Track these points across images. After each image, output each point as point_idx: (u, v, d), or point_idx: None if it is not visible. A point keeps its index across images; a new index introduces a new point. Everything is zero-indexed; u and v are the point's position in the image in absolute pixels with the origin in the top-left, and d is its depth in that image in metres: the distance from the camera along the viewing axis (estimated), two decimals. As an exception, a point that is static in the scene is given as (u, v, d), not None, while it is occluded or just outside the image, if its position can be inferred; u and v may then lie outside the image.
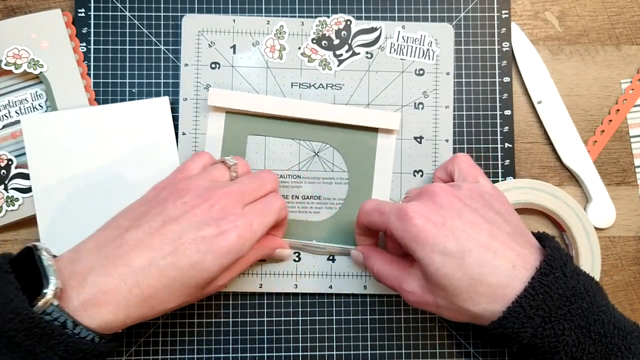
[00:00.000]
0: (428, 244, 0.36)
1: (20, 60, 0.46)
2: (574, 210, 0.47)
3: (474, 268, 0.35)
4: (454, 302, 0.36)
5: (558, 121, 0.49)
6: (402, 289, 0.39)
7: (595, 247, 0.47)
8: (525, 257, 0.35)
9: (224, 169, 0.42)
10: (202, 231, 0.36)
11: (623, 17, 0.50)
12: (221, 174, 0.41)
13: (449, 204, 0.37)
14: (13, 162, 0.46)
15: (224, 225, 0.36)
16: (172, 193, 0.38)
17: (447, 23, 0.49)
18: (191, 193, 0.38)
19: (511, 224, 0.38)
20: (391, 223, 0.38)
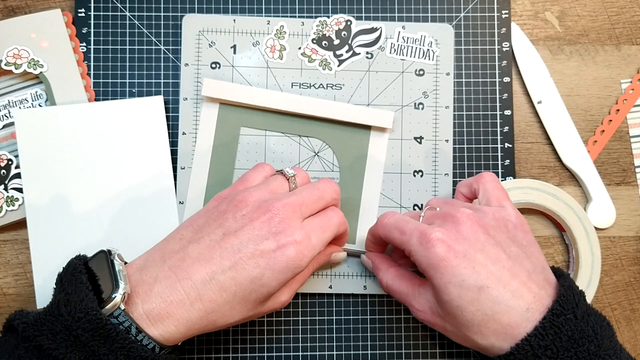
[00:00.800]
0: (447, 274, 0.35)
1: (20, 60, 0.46)
2: (574, 210, 0.47)
3: (489, 304, 0.35)
4: (462, 331, 0.36)
5: (558, 121, 0.49)
6: (412, 305, 0.40)
7: (595, 247, 0.47)
8: (541, 299, 0.35)
9: (283, 180, 0.41)
10: (261, 245, 0.36)
11: (623, 17, 0.50)
12: (280, 186, 0.40)
13: (474, 235, 0.36)
14: (13, 162, 0.46)
15: (283, 239, 0.36)
16: (231, 205, 0.38)
17: (447, 23, 0.49)
18: (250, 205, 0.37)
19: (532, 258, 0.37)
20: (412, 246, 0.37)
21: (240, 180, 0.42)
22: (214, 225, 0.37)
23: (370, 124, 0.47)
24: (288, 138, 0.48)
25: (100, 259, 0.35)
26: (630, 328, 0.48)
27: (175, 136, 0.47)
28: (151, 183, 0.46)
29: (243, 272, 0.35)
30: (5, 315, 0.46)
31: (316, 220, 0.39)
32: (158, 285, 0.35)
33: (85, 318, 0.32)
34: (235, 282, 0.35)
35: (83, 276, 0.34)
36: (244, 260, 0.35)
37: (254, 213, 0.37)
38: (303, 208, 0.38)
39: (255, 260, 0.35)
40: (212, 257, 0.35)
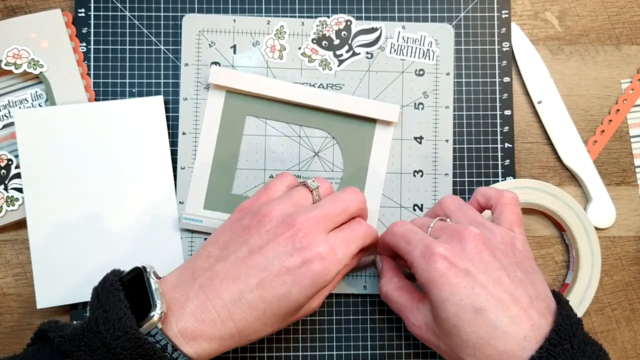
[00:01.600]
0: (445, 291, 0.35)
1: (20, 60, 0.46)
2: (574, 210, 0.47)
3: (485, 328, 0.34)
4: (456, 352, 0.36)
5: (558, 121, 0.49)
6: (408, 319, 0.40)
7: (595, 247, 0.47)
8: (540, 329, 0.34)
9: (307, 192, 0.41)
10: (286, 262, 0.35)
11: (623, 17, 0.50)
12: (304, 198, 0.40)
13: (478, 256, 0.36)
14: (13, 162, 0.46)
15: (308, 254, 0.36)
16: (254, 219, 0.38)
17: (447, 23, 0.49)
18: (274, 220, 0.37)
19: (535, 285, 0.36)
20: (414, 257, 0.37)
21: (263, 190, 0.41)
22: (239, 242, 0.37)
23: (375, 116, 0.47)
24: (288, 138, 0.48)
25: (137, 276, 0.36)
26: (630, 328, 0.48)
27: (175, 136, 0.47)
28: (151, 183, 0.46)
29: (271, 290, 0.35)
30: (6, 315, 0.46)
31: (341, 234, 0.38)
32: (190, 304, 0.35)
33: (125, 337, 0.32)
34: (264, 300, 0.35)
35: (120, 293, 0.34)
36: (270, 278, 0.35)
37: (277, 228, 0.37)
38: (327, 221, 0.38)
39: (282, 278, 0.35)
40: (239, 276, 0.35)
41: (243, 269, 0.36)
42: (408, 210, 0.48)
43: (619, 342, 0.48)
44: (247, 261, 0.36)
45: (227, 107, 0.47)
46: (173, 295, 0.36)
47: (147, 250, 0.46)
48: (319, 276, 0.36)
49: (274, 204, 0.38)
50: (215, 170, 0.47)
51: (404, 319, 0.40)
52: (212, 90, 0.47)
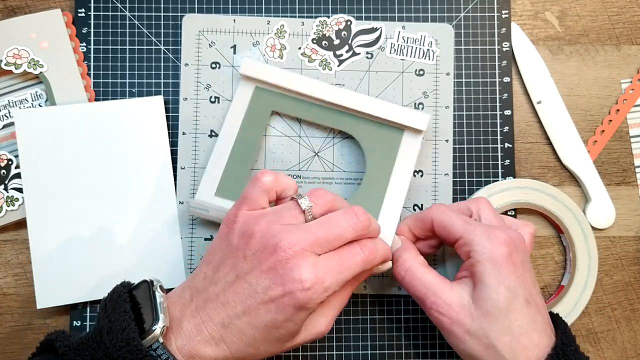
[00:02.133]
0: (503, 274, 0.36)
1: (20, 60, 0.46)
2: (573, 212, 0.47)
3: (527, 319, 0.36)
4: (490, 336, 0.36)
5: (558, 121, 0.49)
6: (438, 297, 0.38)
7: (592, 250, 0.47)
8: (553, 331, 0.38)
9: (298, 211, 0.37)
10: (269, 291, 0.35)
11: (623, 17, 0.50)
12: (294, 218, 0.37)
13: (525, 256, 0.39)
14: (13, 162, 0.46)
15: (290, 285, 0.34)
16: (241, 240, 0.36)
17: (447, 23, 0.49)
18: (259, 242, 0.36)
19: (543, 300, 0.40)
20: (475, 235, 0.38)
21: (242, 200, 0.39)
22: (229, 265, 0.36)
23: (403, 123, 0.45)
24: (288, 138, 0.48)
25: (143, 289, 0.36)
26: (630, 328, 0.48)
27: (175, 136, 0.47)
28: (151, 183, 0.46)
29: (257, 317, 0.35)
30: (6, 315, 0.46)
31: (334, 259, 0.36)
32: (187, 324, 0.35)
33: (127, 348, 0.32)
34: (252, 326, 0.35)
35: (127, 304, 0.34)
36: (255, 306, 0.35)
37: (262, 253, 0.35)
38: (315, 247, 0.35)
39: (266, 306, 0.35)
40: (227, 301, 0.35)
41: (231, 294, 0.35)
42: (408, 210, 0.48)
43: (619, 342, 0.48)
44: (235, 287, 0.36)
45: (255, 100, 0.46)
46: (173, 312, 0.36)
47: (146, 250, 0.46)
48: (302, 305, 0.34)
49: (260, 222, 0.37)
50: (232, 159, 0.46)
51: (430, 296, 0.38)
52: (242, 81, 0.46)
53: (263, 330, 0.35)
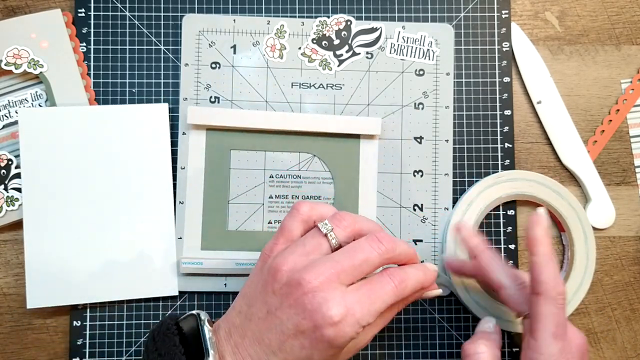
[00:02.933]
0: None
1: (20, 60, 0.46)
2: (576, 211, 0.47)
3: None
4: None
5: (558, 121, 0.49)
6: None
7: (591, 252, 0.47)
8: None
9: (321, 237, 0.37)
10: (300, 326, 0.34)
11: (623, 17, 0.50)
12: (318, 246, 0.36)
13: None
14: (13, 162, 0.46)
15: (320, 319, 0.33)
16: (269, 275, 0.36)
17: (447, 23, 0.49)
18: (285, 277, 0.35)
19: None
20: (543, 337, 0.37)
21: (280, 232, 0.39)
22: (260, 300, 0.36)
23: (359, 132, 0.47)
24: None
25: (190, 322, 0.36)
26: (630, 328, 0.48)
27: (175, 136, 0.47)
28: (150, 188, 0.46)
29: (292, 353, 0.34)
30: (6, 315, 0.46)
31: (363, 290, 0.35)
32: (229, 358, 0.35)
33: None
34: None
35: (176, 338, 0.35)
36: (289, 342, 0.34)
37: (287, 287, 0.34)
38: (342, 276, 0.34)
39: (300, 342, 0.34)
40: (262, 338, 0.35)
41: (265, 330, 0.35)
42: (408, 210, 0.48)
43: (619, 342, 0.48)
44: (267, 323, 0.35)
45: (210, 144, 0.47)
46: (218, 347, 0.36)
47: (143, 255, 0.46)
48: (334, 340, 0.33)
49: (286, 255, 0.36)
50: (207, 209, 0.47)
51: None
52: (193, 130, 0.47)
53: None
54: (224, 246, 0.46)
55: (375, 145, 0.47)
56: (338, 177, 0.47)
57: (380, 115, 0.48)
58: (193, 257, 0.46)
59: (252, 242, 0.47)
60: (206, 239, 0.46)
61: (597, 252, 0.49)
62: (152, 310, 0.46)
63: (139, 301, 0.46)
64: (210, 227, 0.46)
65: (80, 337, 0.46)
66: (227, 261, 0.46)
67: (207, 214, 0.46)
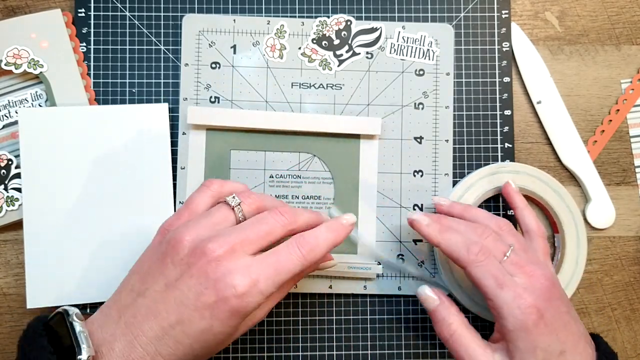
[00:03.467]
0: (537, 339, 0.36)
1: (20, 60, 0.46)
2: (573, 215, 0.47)
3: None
4: None
5: (558, 121, 0.49)
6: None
7: (581, 257, 0.47)
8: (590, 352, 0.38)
9: (228, 210, 0.37)
10: (201, 297, 0.33)
11: (623, 17, 0.50)
12: (224, 218, 0.37)
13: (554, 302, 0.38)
14: (13, 162, 0.46)
15: (222, 289, 0.33)
16: (169, 246, 0.35)
17: (447, 23, 0.49)
18: (186, 247, 0.34)
19: (578, 322, 0.39)
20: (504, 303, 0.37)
21: (185, 206, 0.38)
22: (157, 273, 0.35)
23: (359, 132, 0.47)
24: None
25: (59, 320, 0.34)
26: (631, 328, 0.49)
27: (175, 136, 0.47)
28: (150, 189, 0.46)
29: (191, 325, 0.33)
30: (6, 315, 0.46)
31: (269, 260, 0.35)
32: (118, 344, 0.33)
33: None
34: (187, 335, 0.33)
35: (43, 339, 0.33)
36: (189, 313, 0.33)
37: (190, 257, 0.34)
38: (246, 246, 0.34)
39: (200, 313, 0.33)
40: (159, 312, 0.34)
41: (162, 304, 0.34)
42: (408, 210, 0.48)
43: (619, 342, 0.48)
44: (165, 295, 0.34)
45: (210, 144, 0.47)
46: (101, 335, 0.34)
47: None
48: (236, 311, 0.33)
49: (190, 226, 0.35)
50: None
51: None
52: (193, 131, 0.47)
53: (199, 338, 0.34)
54: None
55: (375, 145, 0.48)
56: (338, 177, 0.47)
57: (380, 115, 0.48)
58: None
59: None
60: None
61: (598, 252, 0.49)
62: (152, 310, 0.46)
63: (139, 301, 0.46)
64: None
65: (80, 337, 0.46)
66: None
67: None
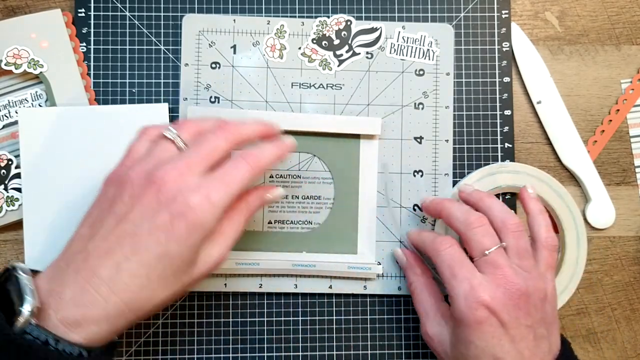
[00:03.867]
0: (474, 335, 0.36)
1: (20, 60, 0.46)
2: (573, 215, 0.47)
3: None
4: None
5: (558, 121, 0.49)
6: (425, 325, 0.40)
7: (581, 257, 0.47)
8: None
9: (167, 143, 0.37)
10: (155, 221, 0.33)
11: (623, 17, 0.50)
12: (165, 150, 0.36)
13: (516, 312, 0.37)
14: (13, 162, 0.46)
15: (176, 207, 0.33)
16: (118, 189, 0.35)
17: (447, 23, 0.49)
18: (135, 183, 0.34)
19: (551, 338, 0.38)
20: (456, 295, 0.37)
21: (126, 154, 0.38)
22: (106, 214, 0.35)
23: (359, 132, 0.47)
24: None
25: (9, 276, 0.34)
26: (631, 328, 0.49)
27: (175, 136, 0.47)
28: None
29: (147, 252, 0.33)
30: (5, 315, 0.46)
31: (217, 174, 0.35)
32: (68, 291, 0.33)
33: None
34: (143, 264, 0.33)
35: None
36: (143, 240, 0.33)
37: (140, 189, 0.34)
38: (194, 167, 0.35)
39: (155, 237, 0.33)
40: (111, 248, 0.33)
41: (114, 240, 0.33)
42: (408, 210, 0.48)
43: (619, 342, 0.48)
44: (116, 231, 0.34)
45: None
46: (50, 287, 0.33)
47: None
48: (193, 227, 0.33)
49: (134, 166, 0.36)
50: None
51: (422, 321, 0.41)
52: None
53: (155, 266, 0.33)
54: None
55: (375, 145, 0.47)
56: (338, 177, 0.47)
57: (380, 115, 0.48)
58: None
59: (251, 242, 0.47)
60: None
61: (598, 252, 0.49)
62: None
63: (139, 301, 0.46)
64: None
65: (80, 337, 0.46)
66: (226, 260, 0.45)
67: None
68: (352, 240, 0.47)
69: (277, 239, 0.47)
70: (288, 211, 0.47)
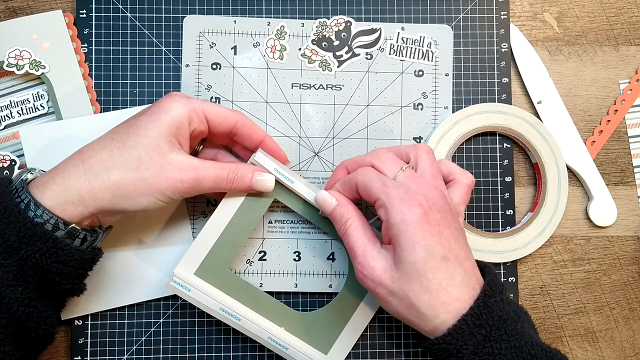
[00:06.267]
0: (417, 234, 0.37)
1: (22, 61, 0.46)
2: (556, 159, 0.47)
3: (445, 276, 0.37)
4: (410, 296, 0.37)
5: (558, 121, 0.49)
6: (365, 260, 0.39)
7: (561, 202, 0.47)
8: (480, 282, 0.39)
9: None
10: (149, 111, 0.40)
11: (621, 18, 0.50)
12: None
13: (445, 213, 0.39)
14: (16, 162, 0.46)
15: (161, 103, 0.40)
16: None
17: (446, 24, 0.49)
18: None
19: (468, 246, 0.40)
20: (391, 198, 0.38)
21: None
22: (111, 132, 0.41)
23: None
24: (288, 138, 0.48)
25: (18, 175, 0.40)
26: (629, 327, 0.49)
27: (176, 136, 0.47)
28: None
29: (120, 126, 0.40)
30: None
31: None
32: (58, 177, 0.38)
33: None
34: (112, 131, 0.40)
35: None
36: (142, 122, 0.39)
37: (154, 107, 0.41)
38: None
39: (146, 117, 0.39)
40: (100, 141, 0.39)
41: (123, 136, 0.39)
42: (407, 210, 0.48)
43: (617, 342, 0.49)
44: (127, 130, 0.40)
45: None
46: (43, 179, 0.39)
47: (144, 259, 0.46)
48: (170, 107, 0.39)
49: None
50: (220, 242, 0.43)
51: (359, 257, 0.39)
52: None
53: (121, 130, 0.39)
54: (217, 284, 0.43)
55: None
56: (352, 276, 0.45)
57: (380, 116, 0.48)
58: (185, 279, 0.42)
59: (244, 295, 0.44)
60: (204, 268, 0.43)
61: (596, 251, 0.49)
62: (153, 310, 0.46)
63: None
64: (215, 259, 0.43)
65: (82, 336, 0.46)
66: (213, 302, 0.43)
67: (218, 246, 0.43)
68: (330, 339, 0.44)
69: (269, 302, 0.44)
70: (289, 211, 0.47)
